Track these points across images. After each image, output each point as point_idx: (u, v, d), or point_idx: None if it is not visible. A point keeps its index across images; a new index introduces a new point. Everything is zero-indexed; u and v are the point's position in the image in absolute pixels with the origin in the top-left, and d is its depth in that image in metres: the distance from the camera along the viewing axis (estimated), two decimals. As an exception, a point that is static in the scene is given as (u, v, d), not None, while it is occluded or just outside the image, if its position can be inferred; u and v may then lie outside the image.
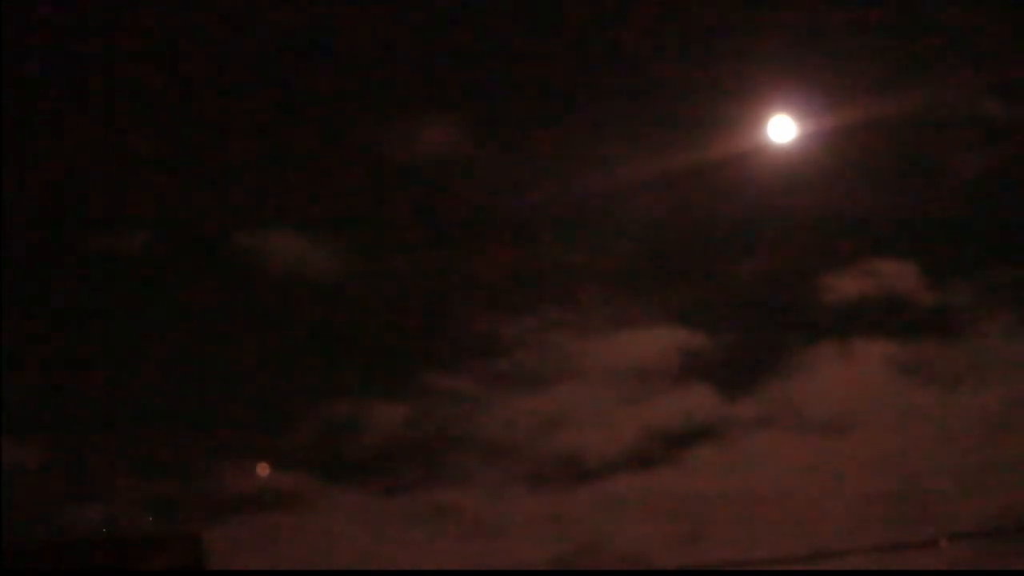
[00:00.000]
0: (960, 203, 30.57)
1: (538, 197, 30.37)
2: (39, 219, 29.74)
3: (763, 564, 21.16)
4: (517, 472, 29.62)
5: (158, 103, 30.44)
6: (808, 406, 29.80)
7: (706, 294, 31.26)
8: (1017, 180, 30.07)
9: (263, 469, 27.20)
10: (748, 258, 31.18)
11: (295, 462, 28.45)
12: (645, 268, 31.26)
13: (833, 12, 28.76)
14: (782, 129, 26.51)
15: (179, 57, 30.17)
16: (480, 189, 31.43)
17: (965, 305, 30.49)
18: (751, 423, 29.76)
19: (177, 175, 30.61)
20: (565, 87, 31.12)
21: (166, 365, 29.52)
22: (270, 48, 30.88)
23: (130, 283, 30.23)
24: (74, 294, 29.73)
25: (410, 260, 31.54)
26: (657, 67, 30.11)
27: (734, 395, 30.09)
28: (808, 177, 28.52)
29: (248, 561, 24.64)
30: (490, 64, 30.85)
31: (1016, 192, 30.10)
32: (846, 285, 30.69)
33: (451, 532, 28.37)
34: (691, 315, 30.75)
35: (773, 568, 21.09)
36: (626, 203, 30.24)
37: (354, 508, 28.81)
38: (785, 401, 29.84)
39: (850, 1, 29.11)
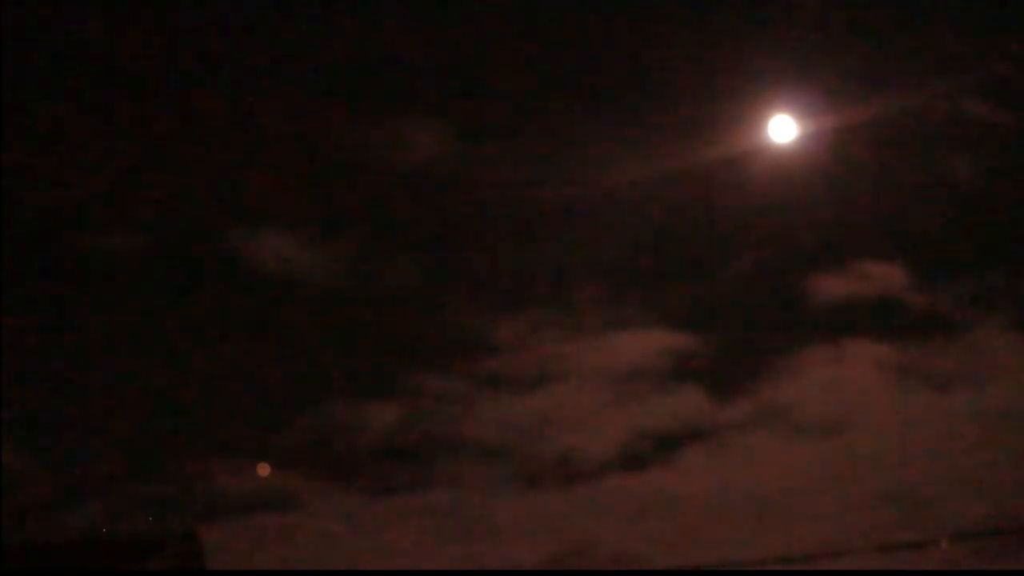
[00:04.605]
0: (952, 206, 30.81)
1: (531, 199, 30.38)
2: (35, 221, 29.66)
3: (757, 565, 21.18)
4: (509, 473, 29.63)
5: (153, 105, 30.35)
6: (799, 408, 29.88)
7: (697, 296, 31.35)
8: (1009, 183, 30.29)
9: (264, 469, 27.18)
10: (738, 259, 31.26)
11: (289, 462, 28.42)
12: (637, 269, 31.32)
13: (833, 13, 28.88)
14: (782, 129, 26.46)
15: (174, 60, 30.13)
16: (472, 191, 31.38)
17: (956, 307, 30.70)
18: (742, 425, 29.82)
19: (171, 177, 30.54)
20: (560, 88, 31.16)
21: (161, 366, 29.48)
22: (264, 52, 30.79)
23: (125, 284, 30.14)
24: (71, 295, 29.60)
25: (402, 262, 31.53)
26: (656, 67, 30.17)
27: (725, 397, 30.13)
28: (808, 177, 28.61)
29: (246, 561, 24.63)
30: (485, 65, 30.85)
31: (1008, 195, 30.33)
32: (837, 287, 30.79)
33: (443, 532, 28.37)
34: (682, 317, 30.83)
35: (767, 568, 21.12)
36: (623, 204, 30.28)
37: (347, 508, 28.77)
38: (776, 403, 29.89)
39: (850, 2, 29.24)
